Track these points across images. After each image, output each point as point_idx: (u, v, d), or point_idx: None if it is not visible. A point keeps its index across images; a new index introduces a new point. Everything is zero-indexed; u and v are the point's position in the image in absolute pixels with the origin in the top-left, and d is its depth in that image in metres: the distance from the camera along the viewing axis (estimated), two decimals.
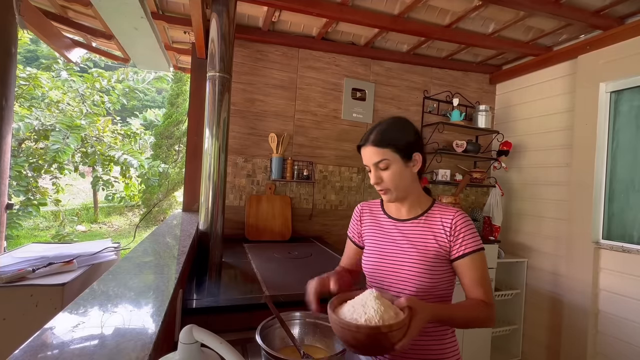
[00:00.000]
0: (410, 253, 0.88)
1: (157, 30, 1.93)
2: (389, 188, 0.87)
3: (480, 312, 0.80)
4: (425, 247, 0.87)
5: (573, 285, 2.16)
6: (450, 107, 2.77)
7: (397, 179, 0.86)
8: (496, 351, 2.55)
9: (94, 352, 0.47)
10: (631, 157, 1.95)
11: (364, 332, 0.62)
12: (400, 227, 0.92)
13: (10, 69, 1.64)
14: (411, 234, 0.90)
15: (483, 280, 0.83)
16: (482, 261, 0.85)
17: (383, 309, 0.65)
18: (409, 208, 0.93)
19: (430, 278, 0.85)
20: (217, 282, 1.36)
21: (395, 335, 0.62)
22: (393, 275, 0.89)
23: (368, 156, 0.88)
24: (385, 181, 0.87)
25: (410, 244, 0.89)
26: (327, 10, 1.93)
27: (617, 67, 1.99)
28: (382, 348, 0.64)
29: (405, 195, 0.90)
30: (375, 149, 0.86)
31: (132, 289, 0.75)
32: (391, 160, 0.86)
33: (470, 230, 0.86)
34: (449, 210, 0.89)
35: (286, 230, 2.29)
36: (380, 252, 0.93)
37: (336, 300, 0.73)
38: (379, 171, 0.87)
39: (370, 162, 0.87)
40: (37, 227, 7.03)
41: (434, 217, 0.89)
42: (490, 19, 2.09)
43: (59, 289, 1.16)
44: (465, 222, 0.86)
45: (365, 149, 0.88)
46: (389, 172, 0.86)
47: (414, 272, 0.86)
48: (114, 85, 5.67)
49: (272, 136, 2.30)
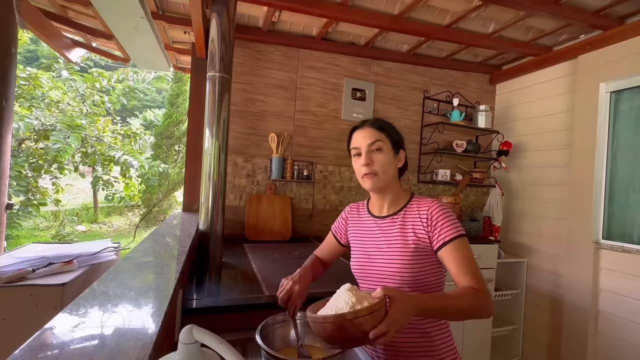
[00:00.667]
0: (389, 249, 0.90)
1: (157, 30, 1.93)
2: (376, 171, 0.89)
3: (472, 300, 0.75)
4: (405, 241, 0.88)
5: (573, 285, 2.16)
6: (450, 107, 2.77)
7: (385, 165, 0.90)
8: (496, 351, 2.55)
9: (94, 352, 0.47)
10: (631, 157, 1.95)
11: (330, 322, 0.61)
12: (380, 224, 0.95)
13: (10, 69, 1.64)
14: (390, 230, 0.92)
15: (470, 267, 0.80)
16: (465, 247, 0.82)
17: (355, 300, 0.64)
18: (389, 205, 0.95)
19: (412, 272, 0.85)
20: (217, 282, 1.36)
21: (365, 321, 0.60)
22: (377, 272, 0.91)
23: (364, 137, 0.91)
24: (375, 163, 0.89)
25: (388, 240, 0.91)
26: (327, 10, 1.93)
27: (617, 67, 1.99)
28: (355, 338, 0.62)
29: (387, 186, 0.92)
30: (373, 130, 0.91)
31: (132, 289, 0.75)
32: (384, 144, 0.90)
33: (447, 217, 0.85)
34: (425, 202, 0.91)
35: (286, 230, 2.29)
36: (364, 251, 0.96)
37: (320, 304, 0.73)
38: (371, 154, 0.90)
39: (365, 143, 0.90)
40: (37, 227, 7.03)
41: (411, 211, 0.91)
42: (490, 19, 2.09)
43: (59, 289, 1.16)
44: (441, 211, 0.86)
45: (362, 130, 0.93)
46: (381, 155, 0.90)
47: (395, 268, 0.86)
48: (114, 85, 5.67)
49: (272, 136, 2.30)
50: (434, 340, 0.88)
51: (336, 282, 1.41)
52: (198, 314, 1.06)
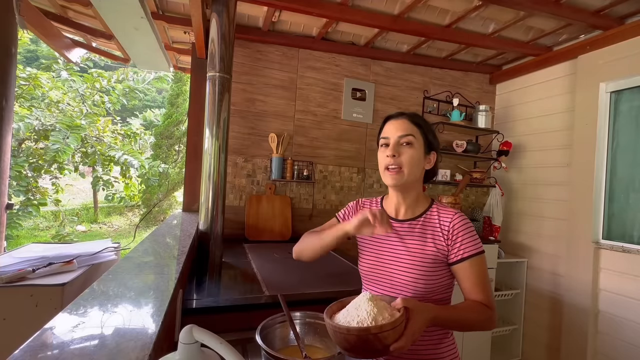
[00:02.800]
0: (407, 257, 0.85)
1: (157, 30, 1.93)
2: (402, 166, 0.84)
3: (479, 314, 0.78)
4: (423, 251, 0.84)
5: (573, 285, 2.16)
6: (450, 107, 2.77)
7: (413, 162, 0.84)
8: (496, 351, 2.55)
9: (94, 352, 0.47)
10: (631, 157, 1.95)
11: (354, 334, 0.61)
12: (397, 228, 0.89)
13: (10, 69, 1.64)
14: (408, 237, 0.87)
15: (483, 285, 0.81)
16: (482, 265, 0.82)
17: (376, 311, 0.64)
18: (406, 207, 0.90)
19: (426, 283, 0.82)
20: (217, 282, 1.36)
21: (388, 336, 0.61)
22: (389, 278, 0.87)
23: (395, 127, 0.87)
24: (402, 157, 0.84)
25: (406, 247, 0.86)
26: (327, 10, 1.93)
27: (617, 67, 1.99)
28: (375, 350, 0.63)
29: (409, 185, 0.87)
30: (408, 123, 0.87)
31: (132, 289, 0.75)
32: (416, 140, 0.85)
33: (469, 232, 0.83)
34: (448, 212, 0.86)
35: (286, 230, 2.29)
36: (377, 254, 0.91)
37: (335, 306, 0.72)
38: (400, 146, 0.85)
39: (396, 134, 0.86)
40: (37, 227, 7.03)
41: (432, 219, 0.87)
42: (490, 19, 2.09)
43: (59, 289, 1.16)
44: (464, 224, 0.84)
45: (397, 120, 0.88)
46: (410, 150, 0.85)
47: (410, 277, 0.83)
48: (114, 85, 5.67)
49: (272, 136, 2.30)
50: (436, 340, 0.87)
51: (339, 283, 1.43)
52: (198, 314, 1.06)
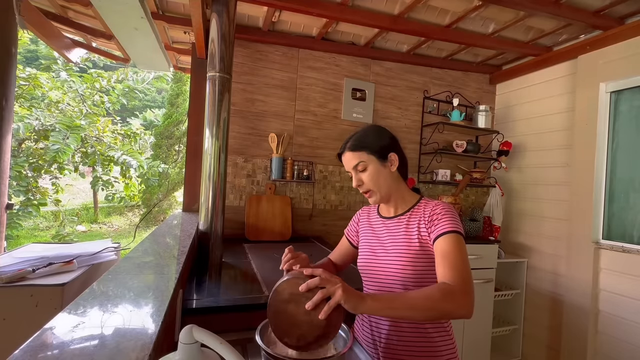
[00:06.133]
0: (393, 248, 0.91)
1: (157, 30, 1.93)
2: (370, 189, 0.92)
3: (440, 295, 0.68)
4: (409, 240, 0.89)
5: (573, 285, 2.16)
6: (450, 107, 2.77)
7: (375, 179, 0.91)
8: (496, 351, 2.55)
9: (94, 352, 0.47)
10: (631, 157, 1.95)
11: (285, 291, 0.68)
12: (387, 224, 0.97)
13: (10, 69, 1.64)
14: (396, 229, 0.93)
15: (452, 264, 0.75)
16: (455, 242, 0.79)
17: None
18: (395, 206, 0.97)
19: (414, 271, 0.86)
20: (217, 282, 1.36)
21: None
22: (381, 270, 0.93)
23: (347, 161, 0.94)
24: (365, 183, 0.92)
25: (393, 239, 0.92)
26: (327, 10, 1.93)
27: (617, 67, 1.99)
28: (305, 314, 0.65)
29: (389, 194, 0.94)
30: (352, 154, 0.93)
31: (132, 289, 0.75)
32: (367, 161, 0.91)
33: (447, 214, 0.85)
34: (434, 203, 0.91)
35: (286, 231, 2.29)
36: (370, 249, 0.98)
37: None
38: (358, 174, 0.93)
39: (350, 167, 0.93)
40: (37, 227, 7.03)
41: (418, 211, 0.92)
42: (490, 19, 2.09)
43: (59, 289, 1.16)
44: (444, 209, 0.86)
45: (344, 155, 0.95)
46: (367, 173, 0.91)
47: (398, 266, 0.88)
48: (113, 85, 5.67)
49: (272, 136, 2.30)
50: (434, 340, 0.88)
51: None
52: (198, 314, 1.06)
